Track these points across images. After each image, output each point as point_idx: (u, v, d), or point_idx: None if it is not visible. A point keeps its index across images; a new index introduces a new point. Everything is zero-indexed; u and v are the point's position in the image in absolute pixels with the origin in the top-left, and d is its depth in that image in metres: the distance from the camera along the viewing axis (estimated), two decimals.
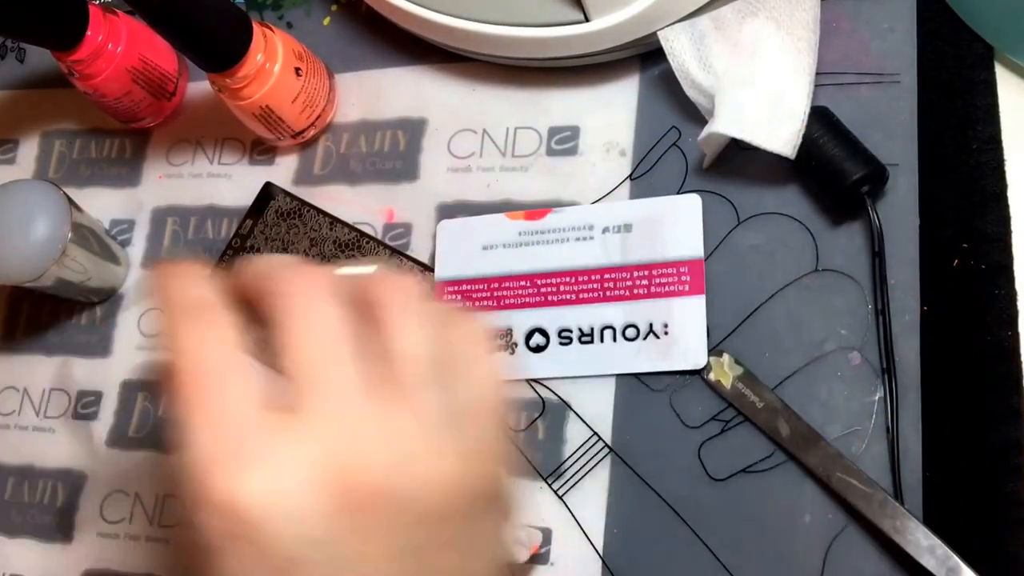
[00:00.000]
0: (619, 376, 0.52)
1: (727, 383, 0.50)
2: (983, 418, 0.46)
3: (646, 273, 0.53)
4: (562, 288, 0.54)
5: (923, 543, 0.44)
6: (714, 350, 0.51)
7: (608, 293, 0.53)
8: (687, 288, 0.52)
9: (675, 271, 0.53)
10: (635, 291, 0.53)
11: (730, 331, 0.51)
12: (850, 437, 0.48)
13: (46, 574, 0.59)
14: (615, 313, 0.53)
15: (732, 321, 0.51)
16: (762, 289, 0.51)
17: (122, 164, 0.67)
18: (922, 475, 0.46)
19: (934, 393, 0.47)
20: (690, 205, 0.53)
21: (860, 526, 0.46)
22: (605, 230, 0.55)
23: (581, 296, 0.54)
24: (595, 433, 0.52)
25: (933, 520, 0.45)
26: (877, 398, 0.48)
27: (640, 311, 0.53)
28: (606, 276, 0.54)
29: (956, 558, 0.43)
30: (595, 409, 0.52)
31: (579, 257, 0.55)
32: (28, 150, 0.70)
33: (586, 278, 0.54)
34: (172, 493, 0.28)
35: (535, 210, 0.56)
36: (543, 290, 0.55)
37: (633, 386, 0.52)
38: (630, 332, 0.52)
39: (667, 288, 0.52)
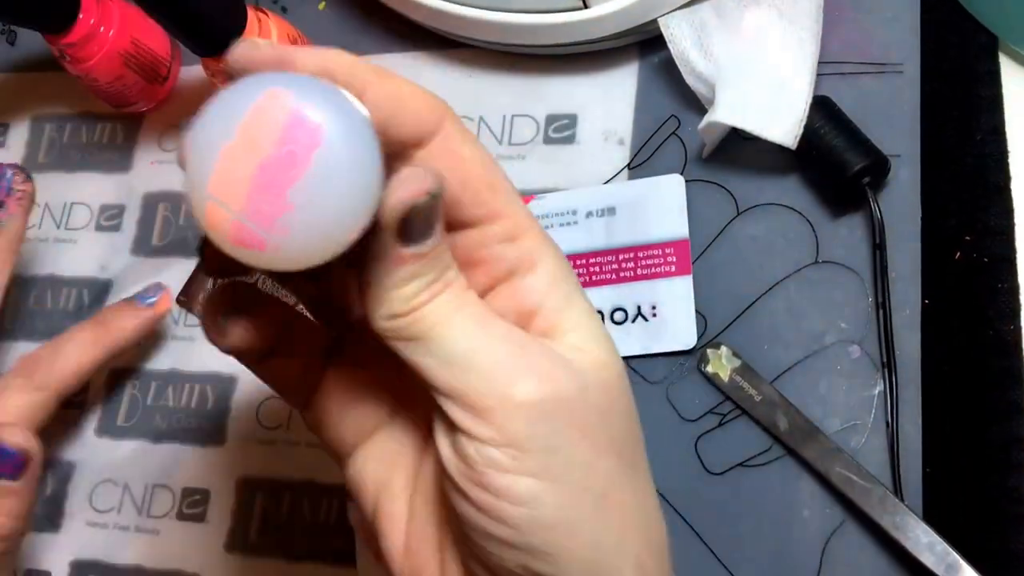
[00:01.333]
0: None
1: (724, 376, 0.49)
2: (984, 413, 0.46)
3: (631, 255, 0.53)
4: None
5: (922, 539, 0.43)
6: (712, 342, 0.50)
7: (595, 277, 0.53)
8: (673, 269, 0.52)
9: (661, 252, 0.52)
10: (621, 274, 0.53)
11: (728, 323, 0.51)
12: (849, 431, 0.47)
13: (34, 563, 0.58)
14: (603, 297, 0.53)
15: (730, 313, 0.51)
16: (761, 281, 0.51)
17: (113, 149, 0.66)
18: (922, 471, 0.46)
19: (935, 388, 0.47)
20: (672, 185, 0.53)
21: (859, 521, 0.46)
22: (589, 214, 0.54)
23: None
24: None
25: (933, 516, 0.45)
26: (877, 392, 0.48)
27: (627, 294, 0.52)
28: (591, 260, 0.53)
29: (956, 555, 0.43)
30: None
31: (564, 242, 0.54)
32: (18, 134, 0.69)
33: (571, 263, 0.53)
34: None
35: None
36: None
37: (629, 377, 0.51)
38: (618, 316, 0.52)
39: (653, 270, 0.52)
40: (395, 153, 0.30)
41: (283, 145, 0.25)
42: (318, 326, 0.36)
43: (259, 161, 0.25)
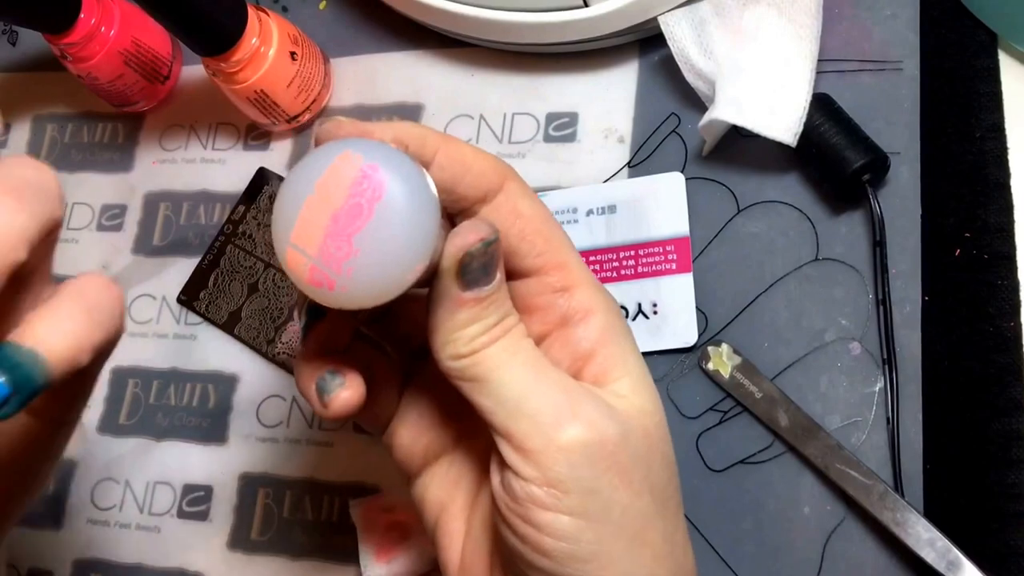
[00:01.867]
0: None
1: (725, 373, 0.49)
2: (985, 410, 0.46)
3: (632, 253, 0.53)
4: None
5: (923, 536, 0.43)
6: (712, 340, 0.50)
7: (596, 275, 0.53)
8: (674, 266, 0.52)
9: (661, 250, 0.52)
10: (622, 272, 0.53)
11: (729, 320, 0.51)
12: (850, 428, 0.47)
13: (36, 562, 0.58)
14: None
15: (731, 310, 0.51)
16: (762, 278, 0.51)
17: (114, 149, 0.66)
18: (923, 467, 0.46)
19: (935, 384, 0.47)
20: (673, 183, 0.53)
21: (859, 518, 0.46)
22: (589, 212, 0.54)
23: None
24: None
25: (933, 513, 0.45)
26: (877, 389, 0.48)
27: (629, 292, 0.52)
28: (592, 258, 0.53)
29: (956, 551, 0.43)
30: None
31: None
32: (20, 134, 0.69)
33: None
34: None
35: None
36: None
37: None
38: None
39: (654, 267, 0.52)
40: (463, 209, 0.34)
41: (351, 198, 0.29)
42: (396, 366, 0.39)
43: (332, 212, 0.29)
